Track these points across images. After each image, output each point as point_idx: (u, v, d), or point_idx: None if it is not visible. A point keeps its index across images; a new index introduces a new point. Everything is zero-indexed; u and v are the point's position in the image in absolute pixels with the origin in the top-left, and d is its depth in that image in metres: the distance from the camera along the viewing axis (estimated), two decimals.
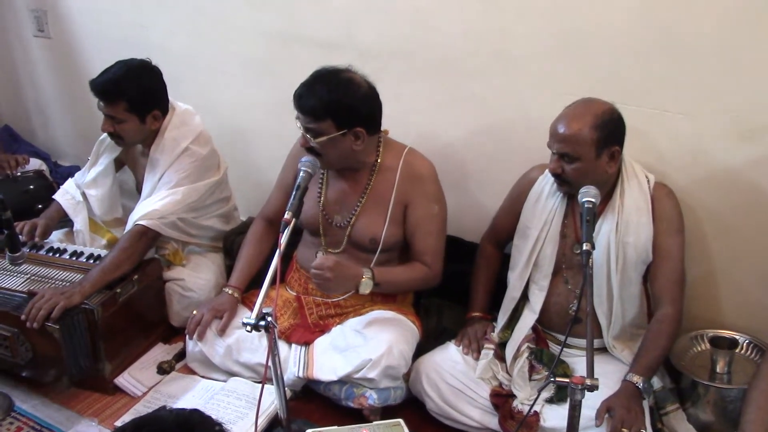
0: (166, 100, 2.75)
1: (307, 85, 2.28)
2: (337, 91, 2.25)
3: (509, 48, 2.54)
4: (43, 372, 2.41)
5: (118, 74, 2.61)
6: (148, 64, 2.71)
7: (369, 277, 2.29)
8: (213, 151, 2.82)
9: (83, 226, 2.85)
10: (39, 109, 4.18)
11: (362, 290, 2.29)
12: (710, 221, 2.37)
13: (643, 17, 2.27)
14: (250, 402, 2.32)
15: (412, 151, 2.46)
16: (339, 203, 2.47)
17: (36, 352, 2.38)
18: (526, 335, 2.29)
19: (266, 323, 1.88)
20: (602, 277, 2.21)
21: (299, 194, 2.10)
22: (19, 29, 3.98)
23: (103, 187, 2.89)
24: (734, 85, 2.20)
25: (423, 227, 2.42)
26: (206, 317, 2.48)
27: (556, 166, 2.14)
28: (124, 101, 2.61)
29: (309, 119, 2.25)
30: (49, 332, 2.31)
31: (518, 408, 2.17)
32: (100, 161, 2.90)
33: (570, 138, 2.08)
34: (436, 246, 2.45)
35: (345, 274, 2.26)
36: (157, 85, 2.71)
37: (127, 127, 2.66)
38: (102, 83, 2.61)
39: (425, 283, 2.48)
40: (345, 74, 2.30)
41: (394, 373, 2.28)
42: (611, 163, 2.14)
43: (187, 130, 2.74)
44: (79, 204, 2.89)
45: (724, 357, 2.25)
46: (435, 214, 2.43)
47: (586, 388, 1.69)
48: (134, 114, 2.64)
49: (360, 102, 2.29)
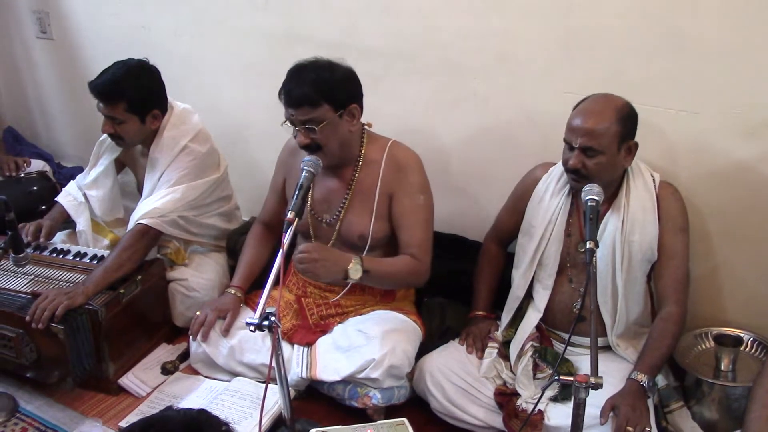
0: (165, 100, 2.75)
1: (292, 79, 2.27)
2: (324, 72, 2.25)
3: (512, 47, 2.54)
4: (48, 373, 2.41)
5: (117, 75, 2.61)
6: (146, 63, 2.71)
7: (357, 263, 2.26)
8: (212, 149, 2.82)
9: (86, 226, 2.85)
10: (42, 111, 4.18)
11: (351, 275, 2.25)
12: (714, 218, 2.37)
13: (646, 15, 2.27)
14: (254, 402, 2.32)
15: (396, 143, 2.44)
16: (326, 201, 2.46)
17: (40, 353, 2.38)
18: (530, 334, 2.29)
19: (270, 323, 1.88)
20: (607, 276, 2.20)
21: (302, 194, 2.10)
22: (21, 31, 3.98)
23: (103, 188, 2.90)
24: (738, 82, 2.20)
25: (408, 218, 2.39)
26: (210, 318, 2.48)
27: (576, 161, 2.11)
28: (123, 102, 2.61)
29: (305, 110, 2.24)
30: (53, 333, 2.31)
31: (522, 406, 2.17)
32: (100, 162, 2.91)
33: (595, 131, 2.07)
34: (422, 237, 2.41)
35: (331, 257, 2.25)
36: (156, 84, 2.71)
37: (127, 127, 2.66)
38: (101, 84, 2.61)
39: (414, 276, 2.43)
40: (321, 59, 2.30)
41: (398, 373, 2.28)
42: (628, 158, 2.14)
43: (185, 129, 2.75)
44: (81, 205, 2.89)
45: (729, 355, 2.25)
46: (420, 204, 2.40)
47: (591, 387, 1.68)
48: (134, 114, 2.64)
49: (347, 78, 2.30)
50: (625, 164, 2.15)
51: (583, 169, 2.12)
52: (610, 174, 2.13)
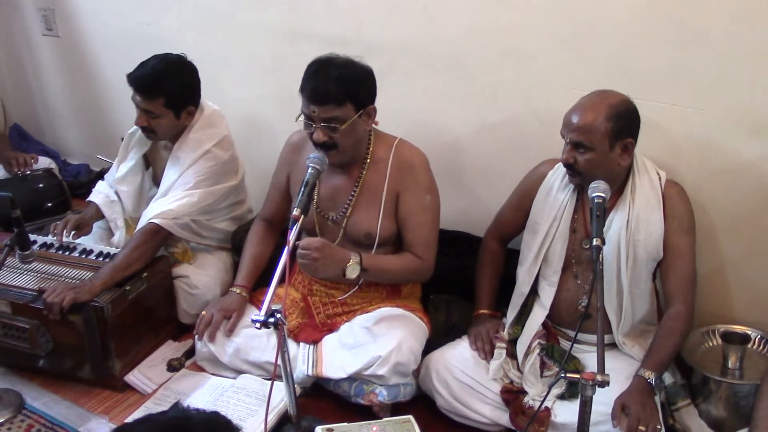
0: (199, 97, 2.76)
1: (316, 74, 2.23)
2: (347, 69, 2.24)
3: (518, 43, 2.54)
4: (62, 362, 2.45)
5: (157, 69, 2.61)
6: (185, 59, 2.71)
7: (356, 261, 2.26)
8: (234, 156, 2.82)
9: (122, 223, 2.86)
10: (48, 108, 4.19)
11: (349, 274, 2.26)
12: (721, 216, 2.36)
13: (653, 11, 2.26)
14: (260, 399, 2.32)
15: (403, 141, 2.44)
16: (332, 199, 2.46)
17: (56, 343, 2.41)
18: (537, 331, 2.28)
19: (275, 320, 1.88)
20: (612, 274, 2.20)
21: (308, 191, 2.09)
22: (27, 28, 3.99)
23: (133, 184, 2.89)
24: (745, 79, 2.19)
25: (414, 218, 2.39)
26: (216, 317, 2.47)
27: (568, 156, 2.12)
28: (162, 96, 2.61)
29: (330, 107, 2.20)
30: (71, 321, 2.34)
31: (529, 404, 2.17)
32: (130, 156, 2.90)
33: (584, 128, 2.07)
34: (427, 237, 2.41)
35: (332, 255, 2.25)
36: (194, 81, 2.72)
37: (162, 122, 2.66)
38: (141, 77, 2.60)
39: (417, 274, 2.44)
40: (339, 57, 2.28)
41: (404, 370, 2.28)
42: (624, 156, 2.12)
43: (212, 132, 2.74)
44: (114, 203, 2.89)
45: (736, 352, 2.24)
46: (427, 204, 2.40)
47: (597, 384, 1.68)
48: (170, 109, 2.65)
49: (367, 77, 2.29)
50: (621, 162, 2.13)
51: (574, 165, 2.12)
52: (604, 171, 2.09)
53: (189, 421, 1.17)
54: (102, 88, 3.83)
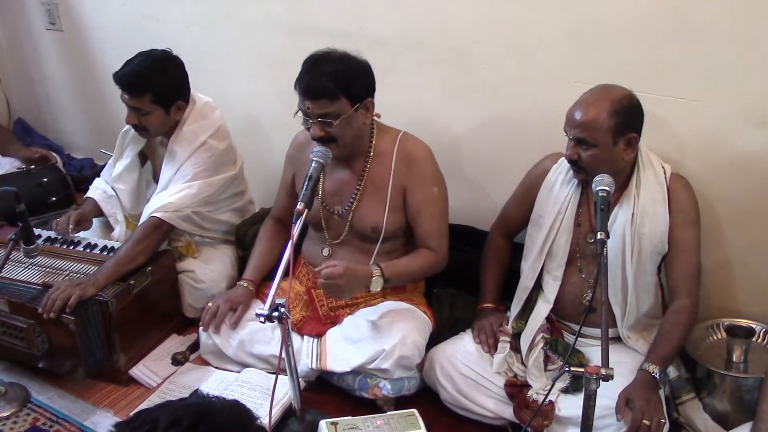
0: (188, 90, 2.75)
1: (310, 70, 2.24)
2: (342, 64, 2.24)
3: (522, 37, 2.53)
4: (59, 363, 2.43)
5: (142, 66, 2.61)
6: (171, 54, 2.70)
7: (378, 275, 2.26)
8: (230, 146, 2.82)
9: (122, 218, 2.86)
10: (51, 102, 4.20)
11: (373, 288, 2.27)
12: (725, 208, 2.36)
13: (657, 3, 2.25)
14: (264, 392, 2.32)
15: (407, 134, 2.44)
16: (338, 193, 2.46)
17: (52, 344, 2.39)
18: (541, 325, 2.28)
19: (279, 314, 1.88)
20: (617, 268, 2.19)
21: (311, 185, 2.10)
22: (30, 22, 3.99)
23: (130, 182, 2.90)
24: (749, 72, 2.18)
25: (424, 211, 2.40)
26: (222, 309, 2.48)
27: (572, 152, 2.12)
28: (149, 93, 2.60)
29: (323, 102, 2.22)
30: (65, 323, 2.32)
31: (533, 397, 2.17)
32: (125, 154, 2.90)
33: (587, 124, 2.06)
34: (439, 228, 2.43)
35: (355, 276, 2.23)
36: (180, 75, 2.71)
37: (152, 118, 2.66)
38: (127, 75, 2.60)
39: (433, 268, 2.45)
40: (336, 51, 2.29)
41: (408, 363, 2.28)
42: (628, 150, 2.12)
43: (206, 124, 2.74)
44: (112, 198, 2.89)
45: (741, 346, 2.23)
46: (435, 196, 2.41)
47: (601, 378, 1.68)
48: (159, 105, 2.64)
49: (364, 72, 2.29)
50: (626, 157, 2.12)
51: (578, 161, 2.12)
52: (609, 166, 2.08)
53: (211, 407, 1.18)
54: (106, 82, 3.78)
